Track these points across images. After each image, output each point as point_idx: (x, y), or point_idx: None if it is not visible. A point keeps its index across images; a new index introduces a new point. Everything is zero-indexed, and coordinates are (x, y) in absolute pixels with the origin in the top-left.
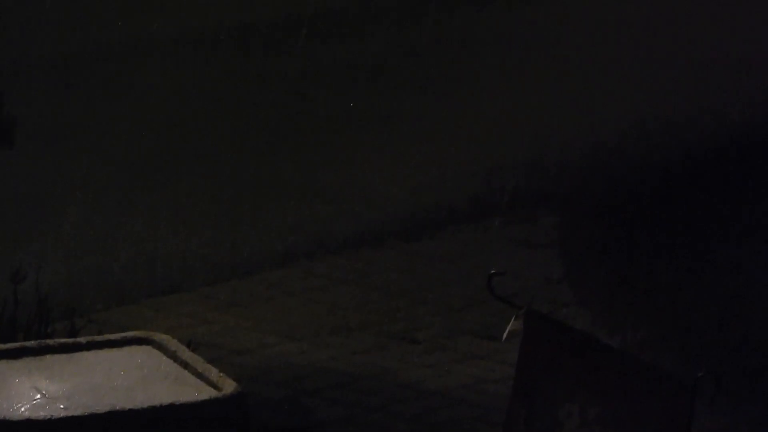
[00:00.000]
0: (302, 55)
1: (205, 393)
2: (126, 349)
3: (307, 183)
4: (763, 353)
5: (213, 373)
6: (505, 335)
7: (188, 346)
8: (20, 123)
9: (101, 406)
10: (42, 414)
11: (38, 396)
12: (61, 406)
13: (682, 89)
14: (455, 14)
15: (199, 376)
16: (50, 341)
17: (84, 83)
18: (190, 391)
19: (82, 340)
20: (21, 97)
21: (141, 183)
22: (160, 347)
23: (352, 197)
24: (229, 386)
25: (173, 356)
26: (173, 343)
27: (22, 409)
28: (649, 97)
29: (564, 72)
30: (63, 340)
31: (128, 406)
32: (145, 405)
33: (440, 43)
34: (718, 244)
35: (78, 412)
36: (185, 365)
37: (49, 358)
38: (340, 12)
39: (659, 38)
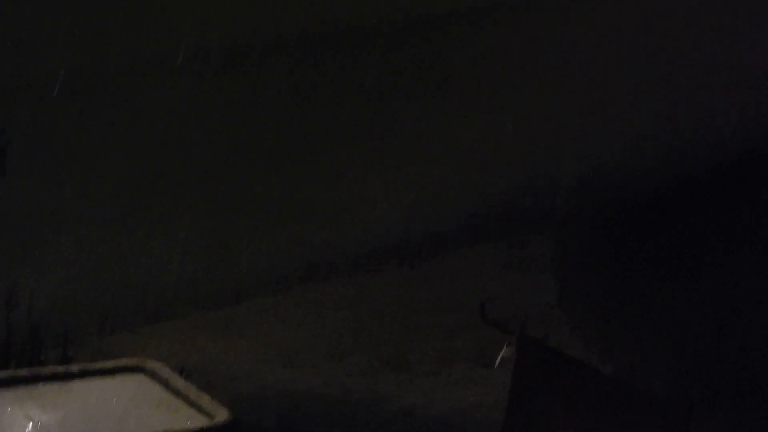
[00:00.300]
0: (298, 77)
1: (198, 421)
2: (118, 377)
3: (301, 208)
4: (759, 369)
5: (206, 400)
6: (498, 361)
7: (181, 373)
8: (14, 146)
9: None
10: None
11: (31, 425)
12: None
13: (678, 109)
14: (450, 36)
15: (192, 403)
16: (43, 369)
17: (79, 105)
18: (182, 419)
19: (74, 368)
20: (15, 120)
21: (134, 209)
22: (153, 375)
23: (346, 222)
24: (222, 414)
25: (166, 384)
26: (166, 371)
27: None
28: (643, 118)
29: (557, 94)
30: (55, 368)
31: None
32: None
33: (434, 67)
34: (715, 264)
35: None
36: (178, 393)
37: (41, 387)
38: (336, 32)
39: (655, 56)
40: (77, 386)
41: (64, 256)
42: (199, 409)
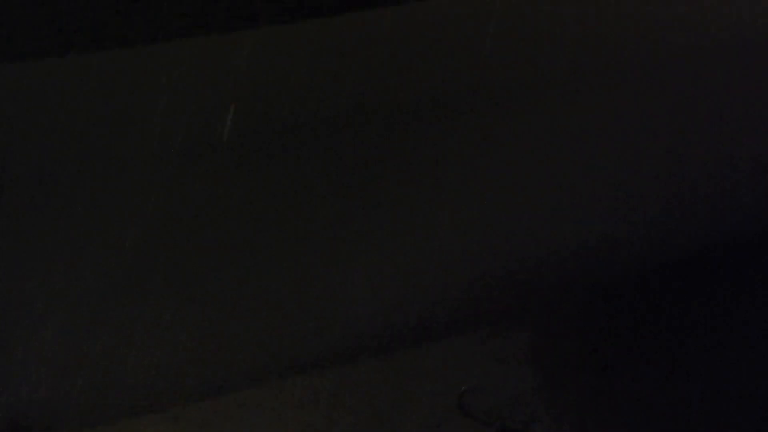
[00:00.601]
0: (276, 168)
1: None
2: None
3: (279, 299)
4: None
5: None
6: None
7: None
8: None
9: None
10: None
11: None
12: None
13: (662, 190)
14: (428, 123)
15: None
16: None
17: (57, 196)
18: None
19: None
20: None
21: (109, 302)
22: None
23: (326, 313)
24: None
25: None
26: None
27: None
28: (628, 204)
29: (538, 182)
30: None
31: None
32: None
33: (412, 153)
34: (702, 356)
35: None
36: None
37: None
38: (321, 121)
39: (645, 131)
40: None
41: (41, 350)
42: None
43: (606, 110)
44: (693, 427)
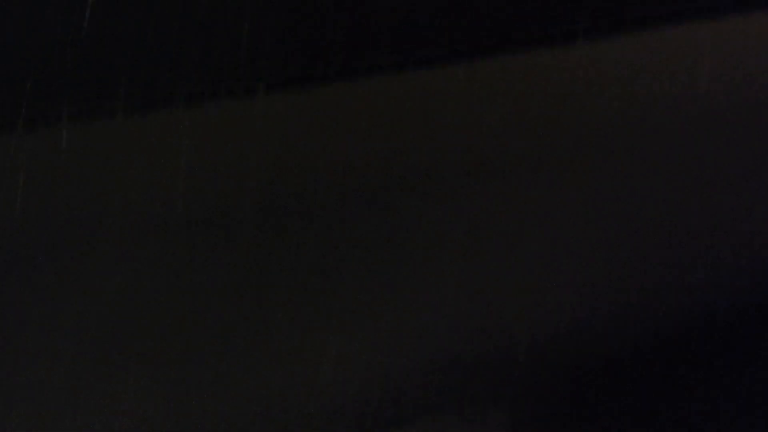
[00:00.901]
0: (256, 243)
1: None
2: None
3: (255, 378)
4: None
5: None
6: None
7: None
8: None
9: None
10: None
11: None
12: None
13: (635, 269)
14: (399, 200)
15: None
16: None
17: (30, 275)
18: None
19: None
20: None
21: (82, 375)
22: None
23: (299, 393)
24: None
25: None
26: None
27: None
28: (599, 281)
29: (513, 260)
30: None
31: None
32: None
33: (387, 231)
34: None
35: None
36: None
37: None
38: (306, 195)
39: (625, 208)
40: None
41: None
42: None
43: (585, 187)
44: None
